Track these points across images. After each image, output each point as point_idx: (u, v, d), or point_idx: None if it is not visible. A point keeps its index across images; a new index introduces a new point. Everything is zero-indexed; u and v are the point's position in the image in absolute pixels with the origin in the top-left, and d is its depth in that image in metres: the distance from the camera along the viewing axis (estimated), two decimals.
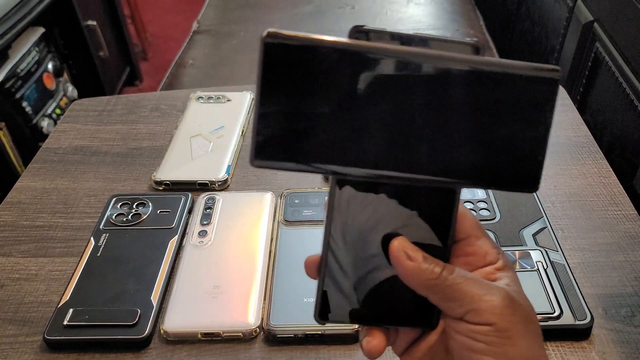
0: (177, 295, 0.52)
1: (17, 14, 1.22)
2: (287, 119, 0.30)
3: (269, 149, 0.30)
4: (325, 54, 0.29)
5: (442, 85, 0.30)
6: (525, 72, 0.30)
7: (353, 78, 0.30)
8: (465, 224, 0.34)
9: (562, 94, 0.78)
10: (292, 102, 0.30)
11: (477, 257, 0.34)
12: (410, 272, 0.32)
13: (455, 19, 1.36)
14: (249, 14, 1.42)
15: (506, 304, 0.31)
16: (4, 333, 0.51)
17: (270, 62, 0.29)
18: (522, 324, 0.31)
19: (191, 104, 0.78)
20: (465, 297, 0.31)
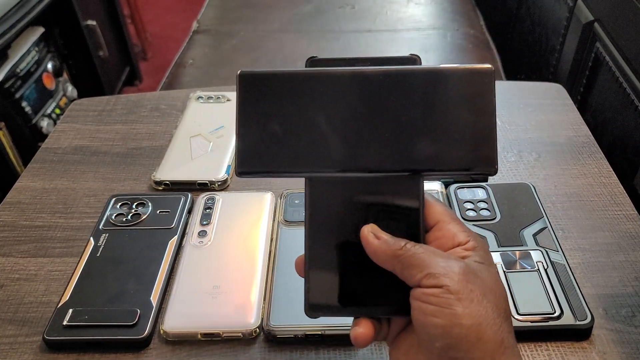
0: (177, 296, 0.52)
1: (16, 13, 1.22)
2: (262, 137, 0.36)
3: (250, 163, 0.36)
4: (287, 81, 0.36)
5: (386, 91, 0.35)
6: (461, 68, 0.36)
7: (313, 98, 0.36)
8: (434, 211, 0.37)
9: (563, 94, 0.78)
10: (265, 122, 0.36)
11: (446, 239, 0.36)
12: (377, 247, 0.35)
13: (455, 18, 1.36)
14: (249, 13, 1.42)
15: (464, 271, 0.33)
16: (3, 333, 0.51)
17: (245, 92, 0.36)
18: (478, 291, 0.32)
19: (191, 104, 0.78)
20: (424, 264, 0.33)
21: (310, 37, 1.31)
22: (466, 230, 0.36)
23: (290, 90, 0.36)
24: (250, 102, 0.36)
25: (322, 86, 0.36)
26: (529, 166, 0.67)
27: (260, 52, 1.26)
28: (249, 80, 0.36)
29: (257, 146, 0.36)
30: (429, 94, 0.35)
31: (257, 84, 0.36)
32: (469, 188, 0.61)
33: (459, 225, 0.37)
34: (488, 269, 0.35)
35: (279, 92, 0.36)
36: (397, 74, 0.36)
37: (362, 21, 1.35)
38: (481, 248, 0.36)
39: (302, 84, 0.36)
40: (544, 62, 1.15)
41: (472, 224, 0.57)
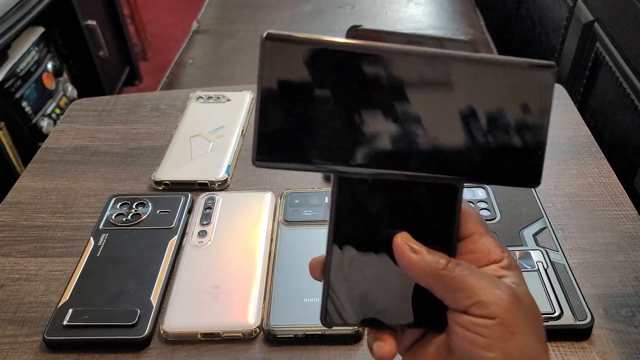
0: (177, 296, 0.52)
1: (16, 13, 1.22)
2: (287, 119, 0.30)
3: (270, 150, 0.30)
4: (324, 53, 0.30)
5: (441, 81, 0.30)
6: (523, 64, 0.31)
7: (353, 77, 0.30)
8: (469, 221, 0.34)
9: (563, 94, 0.78)
10: (292, 102, 0.30)
11: (481, 254, 0.33)
12: (416, 264, 0.32)
13: (456, 18, 1.36)
14: (248, 13, 1.42)
15: (512, 300, 0.31)
16: (3, 333, 0.51)
17: (271, 62, 0.30)
18: (526, 322, 0.31)
19: (191, 104, 0.78)
20: (472, 289, 0.30)
21: None
22: (500, 245, 0.34)
23: (327, 65, 0.30)
24: (277, 73, 0.30)
25: (365, 65, 0.30)
26: None
27: None
28: (277, 47, 0.30)
29: (280, 131, 0.30)
30: (481, 89, 0.31)
31: (286, 52, 0.30)
32: (469, 188, 0.61)
33: (493, 239, 0.34)
34: (527, 291, 0.33)
35: (313, 65, 0.30)
36: (455, 58, 0.30)
37: (362, 21, 1.34)
38: (516, 267, 0.33)
39: (341, 59, 0.30)
40: None
41: None
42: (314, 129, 0.31)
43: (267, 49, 0.30)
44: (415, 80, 0.31)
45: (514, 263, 0.34)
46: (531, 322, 0.31)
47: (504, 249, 0.34)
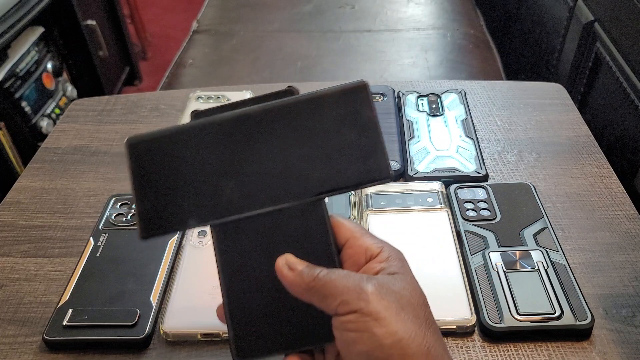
0: (177, 296, 0.52)
1: (16, 13, 1.22)
2: (160, 197, 0.36)
3: (152, 225, 0.36)
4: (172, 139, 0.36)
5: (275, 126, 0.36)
6: (335, 90, 0.36)
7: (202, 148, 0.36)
8: (343, 229, 0.37)
9: (563, 94, 0.78)
10: (159, 182, 0.36)
11: (359, 255, 0.35)
12: (291, 280, 0.34)
13: (456, 18, 1.36)
14: (248, 13, 1.42)
15: (373, 290, 0.32)
16: (3, 333, 0.51)
17: (135, 158, 0.36)
18: (393, 307, 0.31)
19: (191, 104, 0.78)
20: (337, 291, 0.32)
21: (310, 37, 1.31)
22: (378, 242, 0.36)
23: (179, 146, 0.36)
24: (143, 166, 0.36)
25: (209, 135, 0.36)
26: (529, 166, 0.67)
27: (260, 52, 1.26)
28: (137, 147, 0.36)
29: (156, 208, 0.36)
30: (310, 120, 0.36)
31: (145, 148, 0.36)
32: (469, 188, 0.61)
33: (370, 238, 0.36)
34: (403, 278, 0.34)
35: (168, 151, 0.36)
36: (276, 108, 0.36)
37: (362, 21, 1.35)
38: (395, 257, 0.35)
39: (189, 138, 0.36)
40: (544, 62, 1.15)
41: (472, 224, 0.57)
42: (183, 198, 0.36)
43: (130, 149, 0.36)
44: (251, 133, 0.36)
45: (394, 253, 0.35)
46: (401, 305, 0.32)
47: (382, 244, 0.36)
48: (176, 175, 0.36)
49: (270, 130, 0.36)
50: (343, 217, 0.38)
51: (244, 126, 0.36)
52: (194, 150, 0.36)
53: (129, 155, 0.36)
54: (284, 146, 0.36)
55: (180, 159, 0.36)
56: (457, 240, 0.56)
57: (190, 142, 0.36)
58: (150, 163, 0.36)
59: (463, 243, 0.55)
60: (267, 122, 0.36)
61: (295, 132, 0.36)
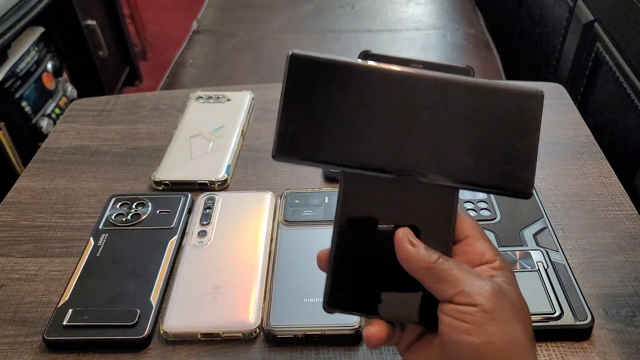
0: (177, 296, 0.52)
1: (16, 13, 1.22)
2: (305, 122, 0.35)
3: (289, 147, 0.35)
4: (339, 70, 0.35)
5: (441, 102, 0.35)
6: (513, 88, 0.35)
7: (364, 91, 0.35)
8: (465, 225, 0.37)
9: (563, 94, 0.78)
10: (310, 108, 0.35)
11: (474, 255, 0.36)
12: (411, 256, 0.35)
13: (455, 18, 1.36)
14: (248, 13, 1.42)
15: (495, 291, 0.33)
16: (3, 333, 0.51)
17: (294, 74, 0.35)
18: (508, 311, 0.33)
19: (191, 104, 0.78)
20: (457, 280, 0.33)
21: (310, 37, 1.31)
22: (494, 249, 0.36)
23: (340, 80, 0.35)
24: (298, 84, 0.35)
25: (373, 82, 0.35)
26: None
27: (260, 52, 1.26)
28: (299, 63, 0.35)
29: (298, 130, 0.35)
30: (477, 108, 0.35)
31: (307, 67, 0.35)
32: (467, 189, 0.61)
33: (488, 242, 0.37)
34: (516, 290, 0.35)
35: (329, 80, 0.35)
36: (449, 81, 0.35)
37: (362, 21, 1.35)
38: (508, 269, 0.36)
39: (353, 76, 0.35)
40: (544, 62, 1.15)
41: None
42: (327, 132, 0.35)
43: (291, 63, 0.35)
44: (418, 97, 0.35)
45: (507, 265, 0.36)
46: (514, 313, 0.33)
47: (497, 252, 0.36)
48: (330, 106, 0.35)
49: (436, 102, 0.35)
50: (467, 213, 0.38)
51: (414, 87, 0.35)
52: (356, 89, 0.35)
53: (289, 67, 0.35)
54: (445, 122, 0.35)
55: (339, 91, 0.35)
56: None
57: (353, 80, 0.35)
58: (308, 83, 0.35)
59: None
60: (436, 92, 0.35)
61: (460, 112, 0.35)
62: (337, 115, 0.35)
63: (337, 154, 0.35)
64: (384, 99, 0.35)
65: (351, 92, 0.35)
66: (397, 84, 0.35)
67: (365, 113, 0.35)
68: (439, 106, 0.35)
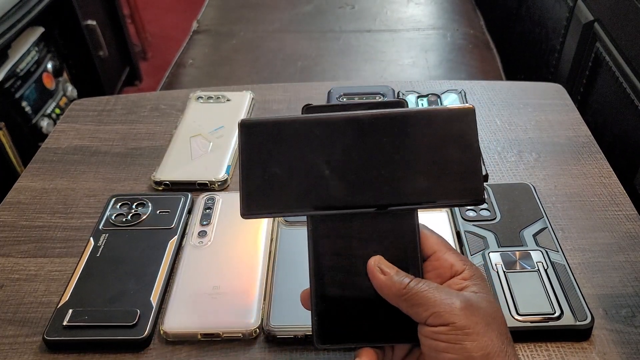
0: (177, 296, 0.52)
1: (16, 13, 1.22)
2: (266, 179, 0.38)
3: (255, 205, 0.38)
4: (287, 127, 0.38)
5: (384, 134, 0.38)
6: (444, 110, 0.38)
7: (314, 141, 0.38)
8: (430, 242, 0.39)
9: (563, 94, 0.78)
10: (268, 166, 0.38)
11: (444, 269, 0.38)
12: (384, 284, 0.37)
13: (455, 18, 1.36)
14: (249, 14, 1.42)
15: (464, 306, 0.35)
16: (3, 334, 0.51)
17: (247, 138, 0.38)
18: (482, 324, 0.35)
19: (191, 104, 0.78)
20: (428, 303, 0.35)
21: (310, 37, 1.31)
22: (462, 259, 0.38)
23: (290, 136, 0.38)
24: (252, 148, 0.38)
25: (319, 131, 0.38)
26: (529, 166, 0.67)
27: (260, 52, 1.26)
28: (250, 128, 0.38)
29: (260, 189, 0.38)
30: (418, 134, 0.38)
31: (257, 131, 0.38)
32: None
33: (455, 254, 0.39)
34: (486, 297, 0.36)
35: (279, 138, 0.38)
36: (386, 115, 0.38)
37: (362, 21, 1.35)
38: (478, 276, 0.38)
39: (300, 130, 0.38)
40: (544, 62, 1.15)
41: (472, 224, 0.57)
42: (287, 185, 0.38)
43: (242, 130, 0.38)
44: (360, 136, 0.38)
45: (477, 272, 0.38)
46: (487, 322, 0.35)
47: (465, 261, 0.38)
48: (284, 161, 0.38)
49: (378, 136, 0.38)
50: (431, 230, 0.40)
51: (355, 128, 0.38)
52: (304, 141, 0.38)
53: (241, 134, 0.38)
54: (390, 152, 0.38)
55: (289, 147, 0.38)
56: (457, 240, 0.56)
57: (300, 133, 0.38)
58: (260, 145, 0.38)
59: (463, 243, 0.55)
60: (376, 127, 0.38)
61: (402, 141, 0.38)
62: (293, 168, 0.38)
63: (300, 202, 0.38)
64: (333, 144, 0.38)
65: (302, 144, 0.38)
66: (341, 128, 0.38)
67: (319, 160, 0.38)
68: (384, 139, 0.38)
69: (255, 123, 0.39)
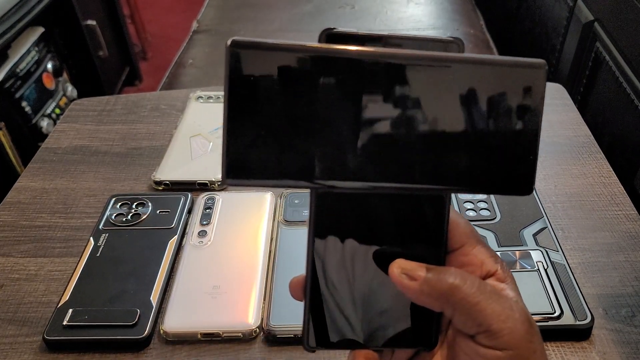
0: (177, 296, 0.52)
1: (16, 13, 1.22)
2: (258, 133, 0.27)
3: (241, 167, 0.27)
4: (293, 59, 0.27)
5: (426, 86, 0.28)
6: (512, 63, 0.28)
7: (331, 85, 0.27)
8: (459, 232, 0.31)
9: (563, 94, 0.78)
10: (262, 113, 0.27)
11: (473, 267, 0.31)
12: (419, 291, 0.29)
13: (456, 18, 1.36)
14: (248, 13, 1.42)
15: (526, 328, 0.28)
16: (3, 333, 0.51)
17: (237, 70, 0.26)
18: (539, 352, 0.28)
19: (191, 104, 0.78)
20: (483, 314, 0.27)
21: (311, 37, 1.30)
22: (493, 255, 0.31)
23: (298, 73, 0.27)
24: (245, 85, 0.27)
25: (340, 71, 0.27)
26: None
27: None
28: (244, 55, 0.26)
29: (251, 146, 0.27)
30: (470, 92, 0.28)
31: (253, 60, 0.26)
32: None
33: (486, 249, 0.31)
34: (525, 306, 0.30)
35: (284, 74, 0.27)
36: (436, 62, 0.27)
37: (362, 21, 1.35)
38: (511, 277, 0.31)
39: (314, 66, 0.27)
40: None
41: (472, 224, 0.57)
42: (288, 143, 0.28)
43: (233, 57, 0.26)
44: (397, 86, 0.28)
45: (509, 273, 0.31)
46: (542, 352, 0.28)
47: (497, 259, 0.31)
48: (286, 110, 0.27)
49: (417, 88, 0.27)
50: (460, 216, 0.32)
51: (388, 73, 0.27)
52: (317, 83, 0.27)
53: (230, 60, 0.26)
54: (428, 115, 0.28)
55: (294, 89, 0.27)
56: None
57: (313, 72, 0.27)
58: (257, 82, 0.27)
59: None
60: (421, 76, 0.27)
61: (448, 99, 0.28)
62: (297, 121, 0.27)
63: (302, 169, 0.28)
64: (356, 92, 0.27)
65: (313, 87, 0.27)
66: (371, 71, 0.27)
67: (333, 112, 0.27)
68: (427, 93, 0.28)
69: (252, 45, 0.26)
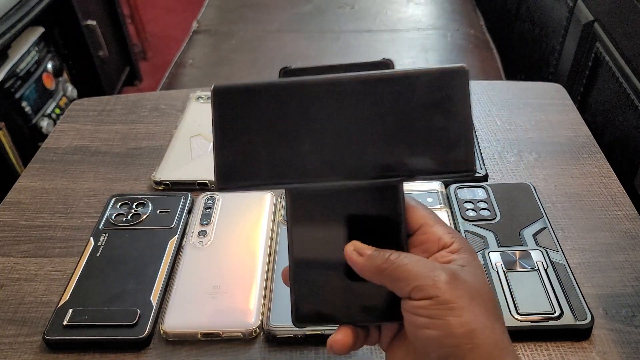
0: (177, 296, 0.52)
1: (16, 13, 1.22)
2: (240, 150, 0.36)
3: (230, 177, 0.36)
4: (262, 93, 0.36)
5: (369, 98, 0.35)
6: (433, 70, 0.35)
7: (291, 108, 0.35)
8: (417, 215, 0.37)
9: (563, 94, 0.78)
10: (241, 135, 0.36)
11: (431, 243, 0.36)
12: (362, 265, 0.35)
13: (456, 18, 1.36)
14: (248, 13, 1.42)
15: (448, 280, 0.33)
16: (3, 333, 0.51)
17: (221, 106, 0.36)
18: (465, 298, 0.32)
19: (191, 104, 0.78)
20: (410, 276, 0.33)
21: (310, 37, 1.31)
22: (451, 231, 0.36)
23: (266, 102, 0.36)
24: (227, 116, 0.36)
25: (297, 96, 0.35)
26: (529, 166, 0.67)
27: (260, 52, 1.26)
28: (224, 95, 0.36)
29: (235, 160, 0.36)
30: (402, 98, 0.35)
31: (232, 97, 0.36)
32: (469, 188, 0.61)
33: (443, 227, 0.36)
34: (474, 271, 0.34)
35: (255, 105, 0.36)
36: (369, 79, 0.35)
37: (362, 21, 1.35)
38: (466, 249, 0.35)
39: (277, 95, 0.36)
40: (544, 62, 1.15)
41: (472, 224, 0.57)
42: (263, 155, 0.36)
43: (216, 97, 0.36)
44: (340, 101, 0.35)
45: (465, 245, 0.36)
46: (472, 297, 0.33)
47: (454, 234, 0.36)
48: (260, 130, 0.36)
49: (359, 101, 0.35)
50: (418, 202, 0.37)
51: (335, 93, 0.35)
52: (281, 108, 0.35)
53: (214, 101, 0.36)
54: (373, 120, 0.35)
55: (265, 114, 0.36)
56: None
57: (277, 99, 0.36)
58: (235, 112, 0.36)
59: None
60: (357, 92, 0.35)
61: (386, 107, 0.35)
62: (269, 137, 0.35)
63: (276, 173, 0.36)
64: (312, 110, 0.35)
65: (278, 111, 0.35)
66: (321, 93, 0.35)
67: (296, 128, 0.35)
68: (368, 104, 0.35)
69: (230, 89, 0.36)
